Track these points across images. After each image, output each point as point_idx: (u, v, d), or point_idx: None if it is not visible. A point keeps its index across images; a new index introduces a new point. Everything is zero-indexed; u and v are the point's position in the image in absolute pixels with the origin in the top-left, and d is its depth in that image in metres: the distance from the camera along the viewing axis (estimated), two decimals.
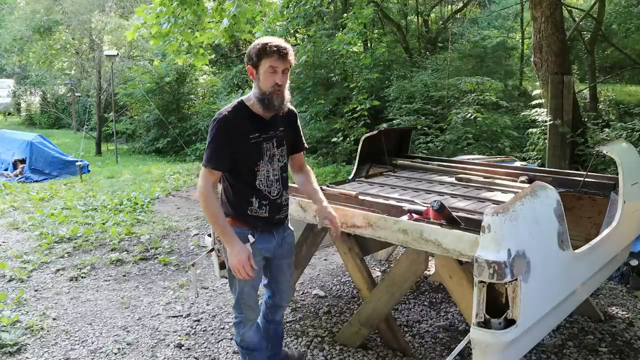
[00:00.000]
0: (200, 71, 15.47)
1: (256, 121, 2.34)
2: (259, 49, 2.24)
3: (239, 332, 2.57)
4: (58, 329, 3.45)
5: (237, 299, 2.52)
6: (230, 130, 2.28)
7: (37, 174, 9.14)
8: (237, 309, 2.55)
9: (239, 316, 2.55)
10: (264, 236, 2.44)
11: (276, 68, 2.25)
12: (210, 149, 2.29)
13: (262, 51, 2.24)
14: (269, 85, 2.26)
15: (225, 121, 2.28)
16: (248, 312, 2.53)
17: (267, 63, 2.23)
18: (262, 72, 2.26)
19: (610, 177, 3.40)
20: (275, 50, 2.23)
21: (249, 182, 2.37)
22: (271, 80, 2.25)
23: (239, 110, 2.33)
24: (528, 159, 7.15)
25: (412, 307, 3.71)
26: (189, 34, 6.85)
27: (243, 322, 2.54)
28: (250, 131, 2.32)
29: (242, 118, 2.32)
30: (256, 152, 2.35)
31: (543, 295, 2.25)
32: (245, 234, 2.37)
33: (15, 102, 23.59)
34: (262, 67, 2.25)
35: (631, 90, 13.39)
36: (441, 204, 2.45)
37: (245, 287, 2.46)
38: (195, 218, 6.23)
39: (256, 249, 2.40)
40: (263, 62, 2.24)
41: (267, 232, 2.45)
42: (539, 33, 6.38)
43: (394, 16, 14.02)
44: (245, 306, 2.51)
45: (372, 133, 4.20)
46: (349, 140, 9.39)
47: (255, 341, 2.59)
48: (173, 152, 14.06)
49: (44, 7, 16.63)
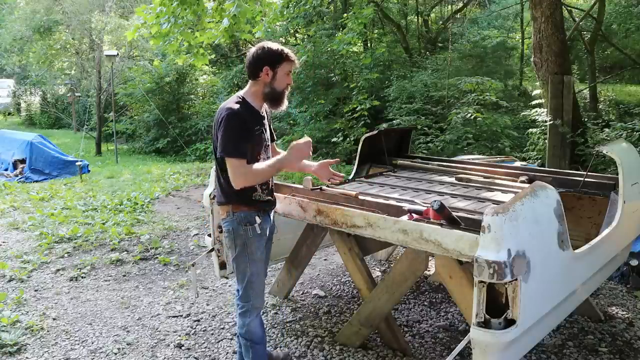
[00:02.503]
0: (200, 71, 15.50)
1: (255, 115, 2.57)
2: (278, 53, 2.52)
3: (244, 322, 2.61)
4: (58, 329, 3.45)
5: (245, 286, 2.59)
6: (244, 123, 2.48)
7: (37, 174, 9.14)
8: (244, 297, 2.61)
9: (245, 305, 2.60)
10: (266, 217, 2.65)
11: (290, 72, 2.58)
12: (233, 140, 2.43)
13: (282, 56, 2.53)
14: (284, 85, 2.57)
15: (239, 115, 2.46)
16: (255, 299, 2.60)
17: (287, 67, 2.55)
18: (280, 74, 2.54)
19: (610, 177, 3.40)
20: (293, 58, 2.57)
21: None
22: (286, 81, 2.57)
23: (243, 105, 2.52)
24: (528, 159, 7.15)
25: (412, 307, 3.71)
26: (189, 34, 6.86)
27: (249, 311, 2.60)
28: (254, 124, 2.54)
29: (247, 112, 2.52)
30: (259, 142, 2.57)
31: (543, 295, 2.25)
32: (253, 215, 2.55)
33: (15, 102, 23.62)
34: (282, 69, 2.53)
35: (631, 90, 13.40)
36: (441, 204, 2.45)
37: (255, 268, 2.58)
38: (195, 218, 6.23)
39: (263, 229, 2.58)
40: (284, 65, 2.54)
41: (267, 213, 2.67)
42: (539, 33, 6.38)
43: (394, 16, 14.03)
44: (253, 291, 2.59)
45: (372, 133, 4.20)
46: (349, 140, 9.40)
47: (259, 334, 2.64)
48: (173, 152, 14.07)
49: (44, 7, 16.64)
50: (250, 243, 2.55)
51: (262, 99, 2.58)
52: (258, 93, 2.56)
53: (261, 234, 2.58)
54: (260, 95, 2.57)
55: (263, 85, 2.55)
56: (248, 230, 2.55)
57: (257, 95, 2.57)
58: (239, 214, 2.55)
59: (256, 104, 2.57)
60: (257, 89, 2.56)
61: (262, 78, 2.53)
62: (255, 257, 2.57)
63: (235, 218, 2.55)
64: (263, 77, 2.53)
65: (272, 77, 2.53)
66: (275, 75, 2.53)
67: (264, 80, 2.53)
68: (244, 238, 2.55)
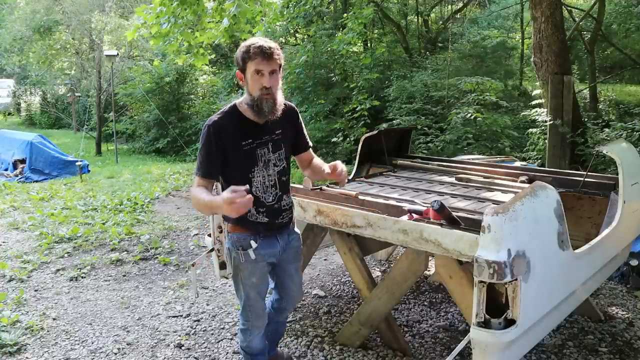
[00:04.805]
0: (200, 71, 15.48)
1: (249, 127, 2.23)
2: (243, 51, 2.14)
3: (245, 338, 2.51)
4: (58, 329, 3.45)
5: (243, 306, 2.44)
6: (220, 136, 2.17)
7: (37, 174, 9.14)
8: (243, 316, 2.47)
9: (245, 323, 2.47)
10: (268, 241, 2.35)
11: (262, 70, 2.12)
12: (201, 155, 2.20)
13: (245, 54, 2.13)
14: (257, 89, 2.14)
15: (214, 127, 2.18)
16: (255, 320, 2.45)
17: (252, 66, 2.12)
18: (249, 76, 2.15)
19: (610, 177, 3.40)
20: (259, 52, 2.10)
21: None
22: (258, 83, 2.13)
23: (230, 116, 2.22)
24: (528, 159, 7.14)
25: (412, 307, 3.71)
26: (189, 34, 6.86)
27: (250, 330, 2.47)
28: (242, 138, 2.21)
29: (234, 124, 2.21)
30: (249, 159, 2.24)
31: (543, 295, 2.25)
32: (248, 239, 2.30)
33: (15, 102, 23.60)
34: (249, 70, 2.14)
35: (631, 90, 13.38)
36: (441, 204, 2.45)
37: (250, 292, 2.38)
38: (195, 218, 6.23)
39: (259, 255, 2.32)
40: (249, 65, 2.13)
41: (270, 237, 2.36)
42: (539, 33, 6.38)
43: (394, 16, 14.02)
44: (252, 313, 2.43)
45: (372, 133, 4.20)
46: (349, 140, 9.39)
47: (261, 348, 2.56)
48: (173, 152, 14.07)
49: (44, 7, 16.64)
50: (243, 268, 2.32)
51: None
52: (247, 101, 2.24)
53: (256, 260, 2.29)
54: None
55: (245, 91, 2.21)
56: (240, 255, 2.30)
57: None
58: (232, 235, 2.32)
59: (250, 113, 2.24)
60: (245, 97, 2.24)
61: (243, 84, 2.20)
62: (248, 282, 2.34)
63: (230, 239, 2.34)
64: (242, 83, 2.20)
65: (245, 82, 2.18)
66: (246, 79, 2.17)
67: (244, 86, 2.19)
68: (237, 262, 2.32)
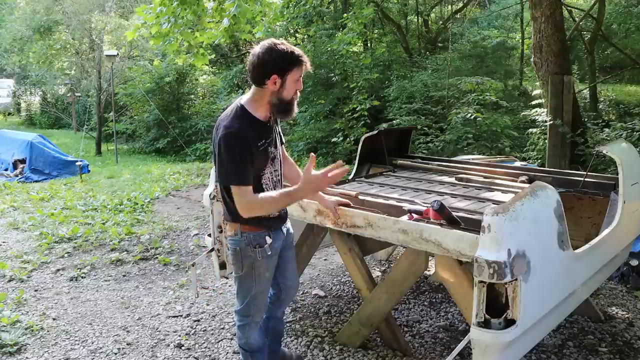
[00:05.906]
0: (200, 71, 15.50)
1: (260, 127, 2.27)
2: (289, 56, 2.17)
3: (243, 334, 2.52)
4: (58, 329, 3.45)
5: (247, 302, 2.45)
6: (245, 144, 2.19)
7: (37, 174, 9.14)
8: (244, 312, 2.48)
9: (244, 319, 2.49)
10: (277, 234, 2.44)
11: (301, 76, 2.24)
12: (233, 166, 2.18)
13: (294, 59, 2.18)
14: (292, 93, 2.23)
15: (238, 136, 2.17)
16: (256, 315, 2.49)
17: (298, 72, 2.21)
18: (290, 81, 2.20)
19: (610, 177, 3.40)
20: (304, 61, 2.21)
21: (255, 187, 2.27)
22: (296, 88, 2.24)
23: (244, 119, 2.23)
24: (528, 159, 7.14)
25: (412, 307, 3.71)
26: (189, 34, 6.86)
27: (249, 325, 2.49)
28: (258, 139, 2.24)
29: (249, 127, 2.22)
30: (264, 158, 2.29)
31: (543, 295, 2.25)
32: (263, 235, 2.35)
33: (15, 102, 23.62)
34: (292, 75, 2.20)
35: (631, 90, 13.38)
36: (441, 204, 2.45)
37: (262, 287, 2.44)
38: (195, 218, 6.23)
39: (273, 249, 2.40)
40: (295, 71, 2.19)
41: (278, 229, 2.46)
42: (539, 33, 6.38)
43: (394, 16, 14.01)
44: (254, 308, 2.46)
45: (372, 133, 4.20)
46: (349, 140, 9.39)
47: (260, 343, 2.57)
48: (173, 152, 14.08)
49: (44, 7, 16.65)
50: (259, 265, 2.37)
51: (268, 110, 2.27)
52: (263, 102, 2.25)
53: (271, 254, 2.38)
54: (266, 105, 2.25)
55: (270, 94, 2.22)
56: (257, 252, 2.34)
57: (261, 104, 2.25)
58: (248, 235, 2.32)
59: (260, 113, 2.26)
60: (262, 98, 2.24)
61: (268, 87, 2.19)
62: (263, 277, 2.41)
63: (244, 239, 2.33)
64: (270, 86, 2.19)
65: (280, 86, 2.19)
66: (284, 83, 2.19)
67: (270, 89, 2.20)
68: (253, 260, 2.35)
